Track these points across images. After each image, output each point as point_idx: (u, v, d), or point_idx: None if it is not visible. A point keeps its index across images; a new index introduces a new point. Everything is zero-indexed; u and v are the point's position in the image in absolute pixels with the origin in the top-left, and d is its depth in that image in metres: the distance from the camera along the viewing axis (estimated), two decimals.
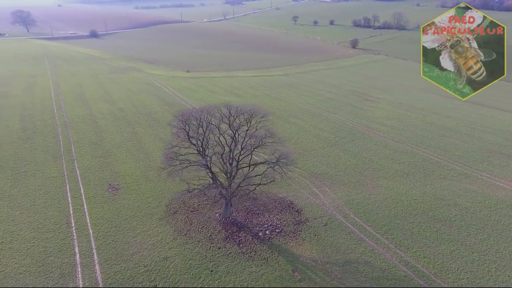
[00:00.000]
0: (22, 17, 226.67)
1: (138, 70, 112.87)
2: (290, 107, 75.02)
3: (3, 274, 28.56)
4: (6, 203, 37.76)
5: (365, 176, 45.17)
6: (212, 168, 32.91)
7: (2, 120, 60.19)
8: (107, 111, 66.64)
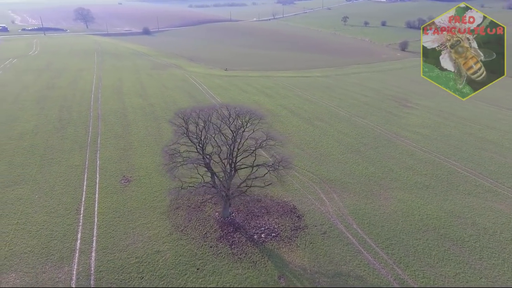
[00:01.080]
0: (83, 14, 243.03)
1: (179, 67, 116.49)
2: (318, 109, 73.48)
3: (11, 252, 30.90)
4: (29, 187, 40.77)
5: (380, 186, 43.09)
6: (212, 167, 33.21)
7: (43, 109, 65.02)
8: (138, 105, 69.55)
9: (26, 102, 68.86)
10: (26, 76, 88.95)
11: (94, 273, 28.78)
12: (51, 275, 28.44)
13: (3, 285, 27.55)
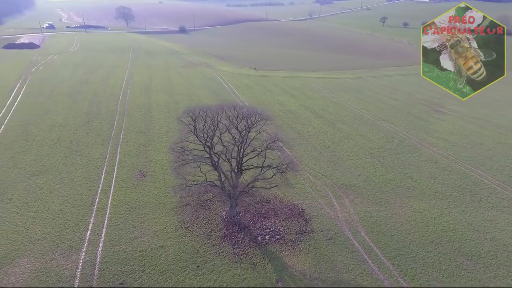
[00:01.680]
0: (124, 13, 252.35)
1: (209, 65, 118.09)
2: (343, 111, 71.91)
3: (27, 238, 32.66)
4: (52, 177, 42.90)
5: (396, 193, 41.52)
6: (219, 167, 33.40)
7: (74, 103, 68.15)
8: (163, 102, 71.24)
9: (59, 95, 72.48)
10: (63, 71, 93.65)
11: (99, 263, 29.81)
12: (59, 262, 29.78)
13: (16, 268, 29.16)
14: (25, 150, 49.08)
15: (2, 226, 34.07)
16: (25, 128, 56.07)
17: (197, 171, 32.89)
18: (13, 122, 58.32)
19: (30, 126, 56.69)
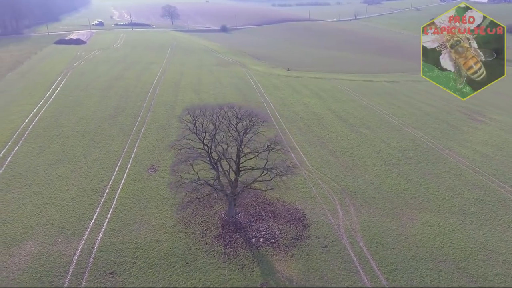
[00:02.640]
0: (170, 11, 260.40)
1: (242, 64, 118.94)
2: (369, 116, 69.45)
3: (37, 222, 34.80)
4: (70, 166, 45.36)
5: (407, 204, 39.47)
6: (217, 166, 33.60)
7: (106, 97, 71.51)
8: (189, 99, 72.78)
9: (93, 90, 76.37)
10: (102, 66, 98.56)
11: (95, 251, 31.11)
12: (60, 247, 31.44)
13: (21, 250, 31.16)
14: (52, 140, 52.27)
15: (17, 209, 36.56)
16: (56, 119, 59.69)
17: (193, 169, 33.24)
18: (48, 113, 62.29)
19: (62, 118, 60.25)
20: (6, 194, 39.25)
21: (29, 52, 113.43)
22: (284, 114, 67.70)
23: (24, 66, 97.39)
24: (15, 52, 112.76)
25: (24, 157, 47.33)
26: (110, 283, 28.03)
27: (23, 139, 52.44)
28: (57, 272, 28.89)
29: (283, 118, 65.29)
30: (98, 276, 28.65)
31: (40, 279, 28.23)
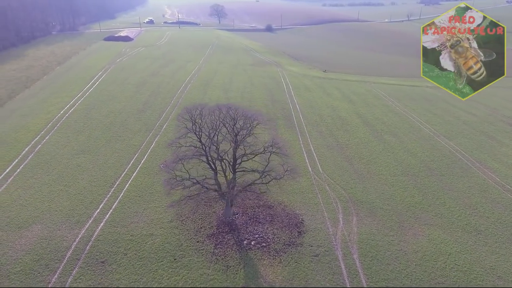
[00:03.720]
0: (217, 10, 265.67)
1: (278, 64, 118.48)
2: (399, 122, 66.23)
3: (48, 208, 37.21)
4: (90, 157, 47.93)
5: (416, 219, 37.17)
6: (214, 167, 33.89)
7: (137, 93, 74.60)
8: (215, 97, 73.86)
9: (128, 85, 79.98)
10: (141, 63, 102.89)
11: (93, 240, 32.65)
12: (62, 233, 33.39)
13: (29, 233, 33.49)
14: (80, 131, 55.55)
15: (34, 194, 39.33)
16: (88, 111, 63.32)
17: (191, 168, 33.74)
18: (82, 105, 66.25)
19: (93, 111, 63.80)
20: (29, 180, 42.35)
21: (79, 48, 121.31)
22: (308, 116, 66.51)
23: (72, 61, 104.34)
24: (67, 48, 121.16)
25: (52, 145, 50.76)
26: (100, 271, 29.30)
27: (55, 129, 56.22)
28: (55, 256, 30.71)
29: (306, 121, 64.18)
30: (90, 263, 30.07)
31: (39, 261, 30.16)
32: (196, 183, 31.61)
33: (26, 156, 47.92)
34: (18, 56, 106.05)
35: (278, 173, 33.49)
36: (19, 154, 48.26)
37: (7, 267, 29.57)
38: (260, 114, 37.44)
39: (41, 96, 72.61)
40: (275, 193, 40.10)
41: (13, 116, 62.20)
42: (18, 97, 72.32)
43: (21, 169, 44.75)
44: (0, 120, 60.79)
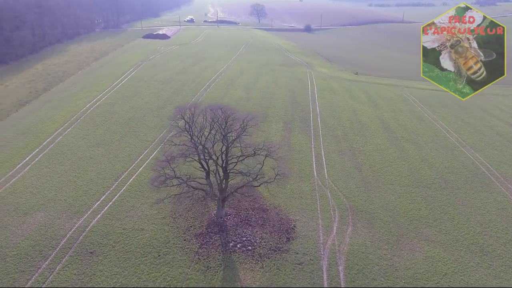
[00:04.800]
0: (257, 9, 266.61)
1: (309, 65, 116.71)
2: (423, 130, 62.81)
3: (54, 197, 39.22)
4: (104, 151, 49.90)
5: (417, 234, 35.06)
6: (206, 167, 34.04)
7: (162, 90, 76.61)
8: (236, 97, 74.20)
9: (155, 82, 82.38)
10: (172, 61, 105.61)
11: (87, 231, 33.99)
12: (61, 222, 35.06)
13: (31, 219, 35.48)
14: (99, 125, 58.06)
15: (45, 183, 41.64)
16: (111, 106, 66.02)
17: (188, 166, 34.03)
18: (107, 100, 69.20)
19: (116, 105, 66.42)
20: (43, 169, 44.89)
21: (117, 45, 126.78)
22: (327, 119, 64.91)
23: (108, 57, 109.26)
24: (106, 44, 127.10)
25: (71, 137, 53.47)
26: (87, 261, 30.43)
27: (78, 121, 59.18)
28: (50, 244, 32.30)
29: (323, 124, 62.67)
30: (79, 253, 31.33)
31: (34, 247, 31.88)
32: (182, 182, 31.83)
33: (46, 146, 50.86)
34: (60, 52, 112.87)
35: (271, 177, 33.07)
36: (41, 144, 51.31)
37: (5, 250, 31.52)
38: (255, 116, 36.93)
39: (72, 90, 76.72)
40: (273, 197, 39.62)
41: (43, 107, 66.24)
42: (52, 90, 76.91)
43: (39, 158, 47.54)
44: (32, 111, 65.02)
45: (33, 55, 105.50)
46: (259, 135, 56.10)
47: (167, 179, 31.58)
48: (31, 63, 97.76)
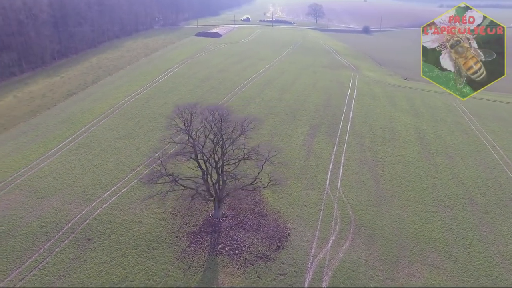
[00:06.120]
0: (315, 9, 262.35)
1: (356, 69, 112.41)
2: (464, 144, 57.42)
3: (71, 183, 42.00)
4: (128, 143, 52.39)
5: (422, 257, 32.21)
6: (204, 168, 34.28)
7: (198, 87, 78.60)
8: (268, 98, 73.80)
9: (193, 79, 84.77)
10: (216, 59, 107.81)
11: (91, 218, 35.97)
12: (70, 207, 37.49)
13: (47, 202, 38.35)
14: (131, 118, 61.10)
15: (67, 170, 44.82)
16: (146, 101, 69.15)
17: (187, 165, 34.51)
18: (144, 95, 72.57)
19: (151, 100, 69.46)
20: (70, 156, 48.31)
21: (169, 42, 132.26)
22: (357, 126, 62.08)
23: (157, 53, 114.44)
24: (159, 41, 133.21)
25: (103, 128, 56.92)
26: (83, 247, 32.21)
27: (113, 114, 62.84)
28: (56, 227, 34.68)
29: (352, 131, 60.02)
30: (79, 238, 33.26)
31: (42, 228, 34.45)
32: (171, 181, 32.32)
33: (79, 135, 54.68)
34: (116, 47, 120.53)
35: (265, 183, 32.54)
36: (75, 133, 55.28)
37: (17, 228, 34.45)
38: (254, 119, 36.29)
39: (117, 83, 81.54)
40: (276, 202, 38.89)
41: (87, 99, 71.23)
42: (99, 83, 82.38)
43: (70, 146, 51.26)
44: (76, 101, 70.22)
45: (91, 49, 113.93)
46: (279, 137, 55.46)
47: (157, 176, 32.21)
48: (87, 57, 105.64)
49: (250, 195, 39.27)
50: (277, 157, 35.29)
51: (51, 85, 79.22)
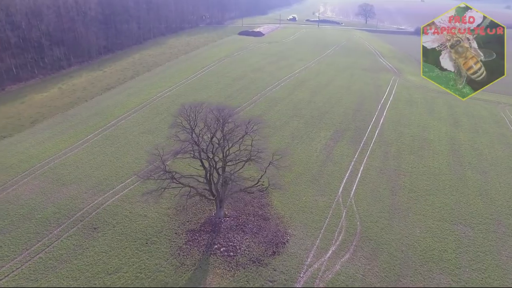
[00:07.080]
0: (365, 9, 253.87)
1: (397, 72, 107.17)
2: (502, 159, 52.59)
3: (91, 173, 44.16)
4: (151, 137, 54.12)
5: (426, 278, 29.99)
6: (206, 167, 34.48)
7: (229, 86, 79.28)
8: (298, 99, 72.66)
9: (227, 78, 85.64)
10: (253, 58, 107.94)
11: (100, 209, 37.59)
12: (85, 196, 39.46)
13: (65, 190, 40.67)
14: (158, 114, 63.09)
15: (90, 160, 47.15)
16: (177, 97, 71.01)
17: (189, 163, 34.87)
18: (176, 91, 74.53)
19: (181, 97, 71.17)
20: (96, 147, 50.85)
21: (211, 40, 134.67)
22: (385, 133, 59.22)
23: (197, 51, 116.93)
24: (201, 39, 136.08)
25: (130, 122, 59.27)
26: (87, 235, 33.78)
27: (143, 109, 65.27)
28: (68, 214, 36.69)
29: (379, 137, 57.35)
30: (86, 226, 34.93)
31: (55, 214, 36.59)
32: (170, 178, 32.76)
33: (108, 127, 57.38)
34: (160, 44, 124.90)
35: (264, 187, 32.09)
36: (105, 125, 58.10)
37: (34, 212, 36.89)
38: (259, 121, 35.74)
39: (153, 79, 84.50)
40: (281, 206, 38.22)
41: (122, 93, 74.55)
42: (137, 78, 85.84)
43: (98, 137, 53.97)
44: (112, 95, 73.74)
45: (136, 45, 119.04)
46: (300, 140, 54.39)
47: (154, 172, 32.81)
48: (131, 53, 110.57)
49: (256, 198, 38.99)
50: (282, 161, 34.66)
51: (93, 79, 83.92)
